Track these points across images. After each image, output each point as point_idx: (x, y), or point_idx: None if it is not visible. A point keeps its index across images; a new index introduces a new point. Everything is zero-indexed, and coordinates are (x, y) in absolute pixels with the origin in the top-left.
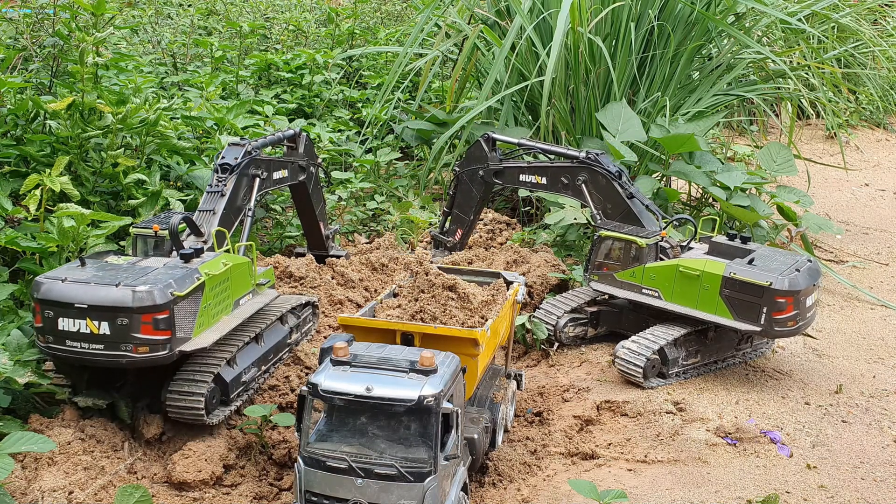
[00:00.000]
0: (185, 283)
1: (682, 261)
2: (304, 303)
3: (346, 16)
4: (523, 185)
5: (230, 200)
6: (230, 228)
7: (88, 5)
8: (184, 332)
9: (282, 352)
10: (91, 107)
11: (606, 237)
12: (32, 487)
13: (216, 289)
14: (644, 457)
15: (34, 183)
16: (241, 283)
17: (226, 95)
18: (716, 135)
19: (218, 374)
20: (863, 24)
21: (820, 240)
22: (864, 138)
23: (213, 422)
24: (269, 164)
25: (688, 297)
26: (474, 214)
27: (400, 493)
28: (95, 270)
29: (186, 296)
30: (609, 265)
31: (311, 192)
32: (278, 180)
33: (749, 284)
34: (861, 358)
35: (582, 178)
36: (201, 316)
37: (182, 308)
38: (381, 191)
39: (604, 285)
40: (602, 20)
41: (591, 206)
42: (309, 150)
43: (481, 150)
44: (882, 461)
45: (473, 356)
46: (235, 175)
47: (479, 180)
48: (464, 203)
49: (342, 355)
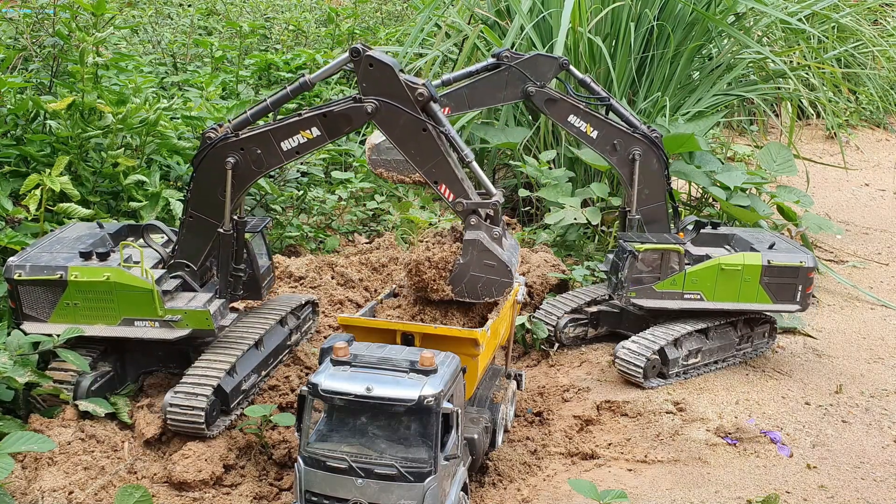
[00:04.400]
0: (42, 272)
1: (722, 259)
2: (303, 303)
3: (346, 16)
4: (567, 127)
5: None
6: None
7: (88, 5)
8: (36, 313)
9: (281, 354)
10: (91, 107)
11: (646, 251)
12: (32, 487)
13: (87, 294)
14: (644, 457)
15: (34, 183)
16: (133, 305)
17: (226, 95)
18: (716, 135)
19: (218, 385)
20: (863, 24)
21: (820, 240)
22: (864, 138)
23: (213, 433)
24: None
25: (730, 293)
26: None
27: (400, 493)
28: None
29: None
30: (644, 278)
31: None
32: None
33: (787, 268)
34: (861, 358)
35: (637, 151)
36: (61, 308)
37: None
38: (381, 191)
39: (644, 300)
40: (602, 20)
41: (631, 184)
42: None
43: (549, 67)
44: (882, 461)
45: (474, 356)
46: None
47: (519, 94)
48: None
49: (342, 355)
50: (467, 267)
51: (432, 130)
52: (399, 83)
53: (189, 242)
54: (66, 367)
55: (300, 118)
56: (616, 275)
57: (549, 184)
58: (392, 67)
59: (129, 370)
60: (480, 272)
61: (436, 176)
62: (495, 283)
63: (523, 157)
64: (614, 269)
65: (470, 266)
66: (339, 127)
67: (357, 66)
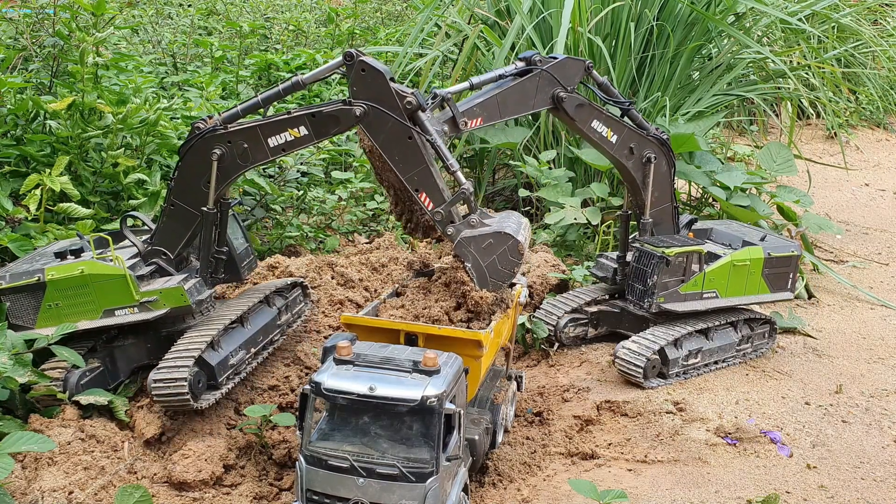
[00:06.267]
0: (22, 277)
1: (734, 256)
2: (290, 284)
3: (346, 16)
4: (589, 133)
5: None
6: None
7: (88, 5)
8: (22, 321)
9: (272, 333)
10: (91, 107)
11: (676, 254)
12: (32, 487)
13: (66, 291)
14: (644, 457)
15: (34, 183)
16: (111, 294)
17: (226, 95)
18: (716, 135)
19: (200, 357)
20: (863, 24)
21: (820, 240)
22: (864, 138)
23: (202, 406)
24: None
25: (739, 288)
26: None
27: (401, 493)
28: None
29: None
30: (670, 283)
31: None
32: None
33: (783, 258)
34: (861, 358)
35: (650, 153)
36: (45, 312)
37: (15, 299)
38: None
39: (673, 304)
40: (602, 20)
41: (645, 187)
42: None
43: (577, 70)
44: (882, 461)
45: (477, 357)
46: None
47: (548, 100)
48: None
49: (345, 354)
50: (476, 262)
51: (418, 139)
52: (389, 90)
53: (168, 230)
54: (56, 366)
55: (289, 116)
56: (640, 281)
57: (549, 184)
58: (384, 74)
59: (119, 365)
60: (487, 256)
61: (417, 184)
62: (504, 253)
63: (523, 157)
64: (638, 276)
65: (477, 260)
66: (326, 128)
67: (349, 70)
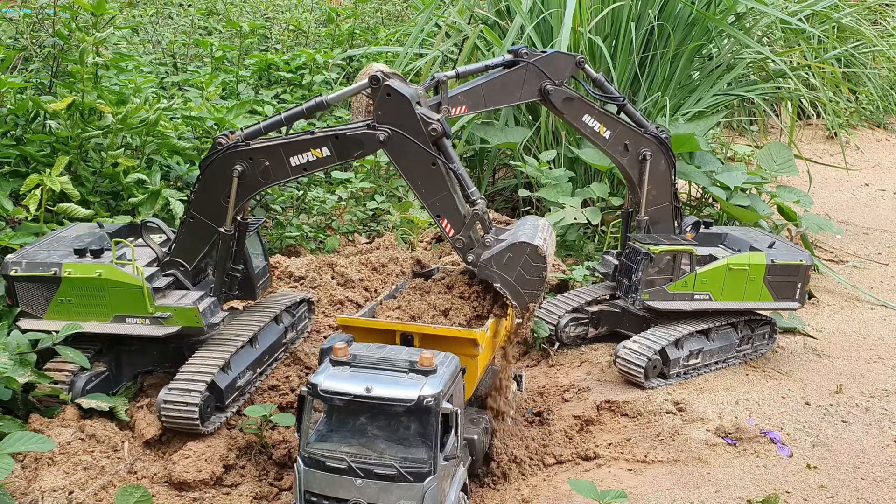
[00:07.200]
0: (38, 268)
1: (730, 259)
2: (298, 301)
3: (346, 16)
4: (580, 127)
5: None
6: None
7: (88, 5)
8: (31, 309)
9: (277, 352)
10: (91, 107)
11: (662, 252)
12: (32, 487)
13: (80, 290)
14: (644, 457)
15: (34, 183)
16: (125, 302)
17: (226, 95)
18: (716, 135)
19: (212, 381)
20: (863, 24)
21: (820, 240)
22: (864, 138)
23: (208, 430)
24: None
25: (736, 292)
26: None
27: (399, 494)
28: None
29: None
30: (657, 280)
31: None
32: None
33: (789, 266)
34: (861, 358)
35: (646, 151)
36: (56, 305)
37: (27, 288)
38: (381, 191)
39: (657, 302)
40: (602, 20)
41: (640, 185)
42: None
43: (566, 65)
44: (882, 461)
45: (473, 356)
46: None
47: (536, 92)
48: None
49: (342, 355)
50: (504, 280)
51: (441, 166)
52: (414, 116)
53: (187, 242)
54: (62, 368)
55: (312, 136)
56: (627, 277)
57: (549, 184)
58: (409, 100)
59: (124, 370)
60: (512, 271)
61: (439, 210)
62: (527, 262)
63: (523, 157)
64: (625, 272)
65: (504, 278)
66: (349, 150)
67: (375, 93)
